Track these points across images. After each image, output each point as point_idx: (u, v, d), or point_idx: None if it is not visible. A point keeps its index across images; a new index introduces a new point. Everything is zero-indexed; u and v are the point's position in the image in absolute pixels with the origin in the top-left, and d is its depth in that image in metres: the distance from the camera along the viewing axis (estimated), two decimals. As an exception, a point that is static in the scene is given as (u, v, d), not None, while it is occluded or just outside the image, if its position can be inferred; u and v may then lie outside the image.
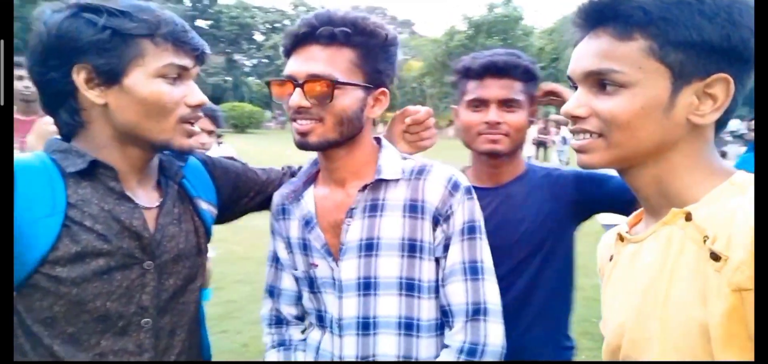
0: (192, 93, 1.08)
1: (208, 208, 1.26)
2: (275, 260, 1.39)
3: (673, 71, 0.80)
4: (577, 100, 0.87)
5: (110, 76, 1.00)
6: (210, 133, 3.33)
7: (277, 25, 50.93)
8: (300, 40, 1.17)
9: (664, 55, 0.80)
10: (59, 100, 1.03)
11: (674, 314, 0.79)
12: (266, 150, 16.88)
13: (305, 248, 1.29)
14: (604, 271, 1.03)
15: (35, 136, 1.57)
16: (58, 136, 1.09)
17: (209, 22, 51.69)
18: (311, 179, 1.33)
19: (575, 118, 0.88)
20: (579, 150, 0.89)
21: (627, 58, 0.82)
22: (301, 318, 1.40)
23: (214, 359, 1.38)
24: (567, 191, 1.53)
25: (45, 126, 1.58)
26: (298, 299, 1.38)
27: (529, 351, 1.46)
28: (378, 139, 1.32)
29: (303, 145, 1.19)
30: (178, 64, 1.04)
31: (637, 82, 0.81)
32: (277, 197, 1.37)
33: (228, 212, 1.36)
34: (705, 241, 0.77)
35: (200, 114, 1.12)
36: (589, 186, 1.50)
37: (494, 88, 1.49)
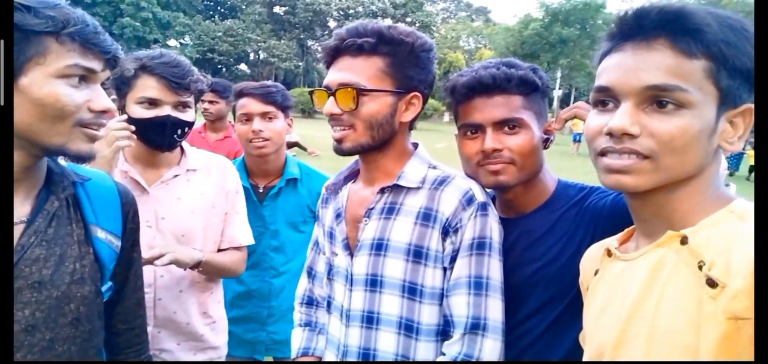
0: (97, 97, 1.01)
1: (106, 238, 1.13)
2: (316, 244, 1.51)
3: (721, 96, 0.79)
4: (631, 117, 0.81)
5: None
6: (212, 102, 3.64)
7: (350, 11, 51.50)
8: (334, 52, 1.26)
9: (719, 78, 0.79)
10: None
11: (661, 337, 0.78)
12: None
13: (331, 237, 1.38)
14: (588, 284, 1.01)
15: (103, 141, 1.47)
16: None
17: (285, 8, 53.06)
18: (353, 175, 1.42)
19: (624, 136, 0.81)
20: (621, 171, 0.82)
21: (691, 77, 0.79)
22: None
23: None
24: (601, 224, 1.21)
25: (114, 130, 1.53)
26: None
27: None
28: (416, 145, 1.36)
29: (339, 151, 1.28)
30: (84, 66, 0.97)
31: (697, 104, 0.79)
32: (323, 188, 1.48)
33: (124, 254, 1.20)
34: (700, 266, 0.75)
35: (104, 121, 1.04)
36: (623, 222, 1.06)
37: (486, 109, 1.27)
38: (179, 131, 1.65)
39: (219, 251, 1.82)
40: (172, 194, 1.71)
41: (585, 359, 0.97)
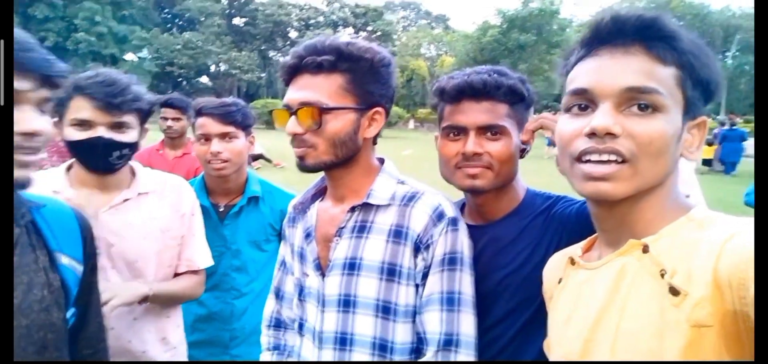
0: (24, 120, 0.91)
1: (70, 263, 1.11)
2: (283, 264, 1.48)
3: (687, 106, 0.82)
4: (613, 117, 0.81)
5: None
6: (175, 119, 3.55)
7: (311, 21, 51.40)
8: (292, 71, 1.24)
9: (686, 87, 0.81)
10: None
11: (626, 345, 0.78)
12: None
13: (302, 257, 1.36)
14: (551, 293, 1.02)
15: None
16: None
17: (245, 20, 52.56)
18: (320, 193, 1.40)
19: (607, 136, 0.81)
20: (602, 178, 0.81)
21: (665, 82, 0.80)
22: None
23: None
24: (567, 232, 1.24)
25: None
26: None
27: None
28: (382, 160, 1.35)
29: (302, 168, 1.26)
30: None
31: (669, 109, 0.80)
32: (290, 207, 1.45)
33: (85, 279, 1.18)
34: (662, 275, 0.76)
35: (37, 143, 0.95)
36: (589, 230, 1.05)
37: (472, 113, 1.29)
38: (116, 153, 1.58)
39: (176, 274, 1.76)
40: (122, 219, 1.64)
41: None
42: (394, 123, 31.62)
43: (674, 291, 0.74)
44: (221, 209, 2.12)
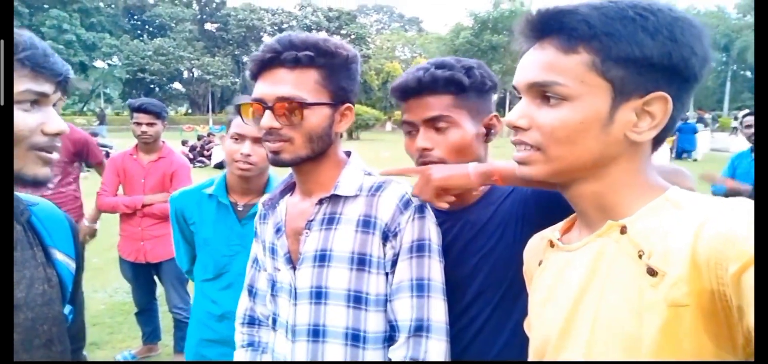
0: (50, 120, 1.01)
1: (65, 260, 1.16)
2: (255, 261, 1.49)
3: (614, 87, 0.80)
4: (520, 111, 0.86)
5: None
6: (150, 125, 3.54)
7: (284, 26, 51.11)
8: (266, 64, 1.22)
9: (605, 70, 0.80)
10: None
11: (605, 326, 0.79)
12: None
13: (273, 252, 1.36)
14: (532, 274, 1.04)
15: None
16: None
17: (217, 25, 51.99)
18: (289, 188, 1.41)
19: (516, 129, 0.87)
20: (520, 162, 0.88)
21: (570, 72, 0.81)
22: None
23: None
24: (529, 205, 1.29)
25: None
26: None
27: None
28: (349, 153, 1.37)
29: (276, 163, 1.25)
30: (36, 91, 0.97)
31: (579, 96, 0.81)
32: (260, 204, 1.46)
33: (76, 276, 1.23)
34: (640, 256, 0.77)
35: (58, 143, 1.04)
36: (548, 200, 1.15)
37: (418, 109, 1.33)
38: None
39: None
40: None
41: (530, 348, 0.98)
42: (371, 125, 31.53)
43: (652, 272, 0.75)
44: (240, 208, 2.15)
